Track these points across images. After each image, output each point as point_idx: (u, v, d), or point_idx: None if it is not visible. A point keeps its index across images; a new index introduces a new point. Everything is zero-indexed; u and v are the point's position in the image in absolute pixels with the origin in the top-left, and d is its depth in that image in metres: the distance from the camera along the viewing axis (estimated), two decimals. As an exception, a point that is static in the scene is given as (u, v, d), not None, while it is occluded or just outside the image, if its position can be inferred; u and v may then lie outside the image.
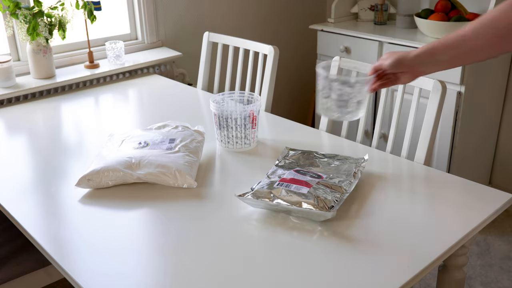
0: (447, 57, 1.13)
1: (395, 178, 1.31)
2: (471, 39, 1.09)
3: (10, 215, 1.19)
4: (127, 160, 1.27)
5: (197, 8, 2.59)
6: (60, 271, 1.01)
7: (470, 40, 1.09)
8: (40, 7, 1.96)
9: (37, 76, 2.04)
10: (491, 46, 1.07)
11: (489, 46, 1.07)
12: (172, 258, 1.02)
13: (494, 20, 1.07)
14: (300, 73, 3.14)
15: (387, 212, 1.15)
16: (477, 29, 1.08)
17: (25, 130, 1.73)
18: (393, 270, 0.96)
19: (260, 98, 1.53)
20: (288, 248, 1.03)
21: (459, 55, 1.12)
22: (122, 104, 2.08)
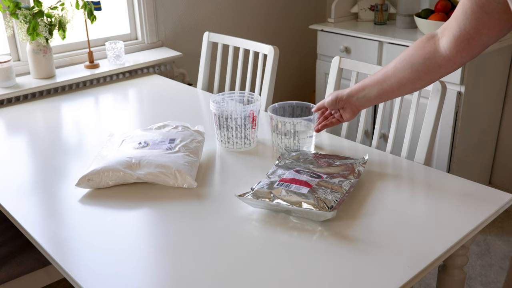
0: (375, 92, 1.23)
1: (395, 178, 1.31)
2: (392, 76, 1.17)
3: (10, 215, 1.19)
4: (127, 160, 1.27)
5: (197, 8, 2.59)
6: (60, 271, 1.01)
7: (391, 77, 1.17)
8: (40, 7, 1.96)
9: (37, 76, 2.04)
10: (411, 81, 1.15)
11: (409, 81, 1.16)
12: (172, 258, 1.02)
13: (409, 56, 1.13)
14: (300, 73, 3.14)
15: (387, 212, 1.15)
16: (396, 66, 1.15)
17: (25, 130, 1.73)
18: (393, 270, 0.96)
19: (260, 98, 1.53)
20: (288, 248, 1.03)
21: (384, 91, 1.21)
22: (122, 104, 2.08)
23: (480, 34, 0.99)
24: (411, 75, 1.14)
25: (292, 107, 1.48)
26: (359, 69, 1.64)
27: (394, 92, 1.20)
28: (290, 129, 1.39)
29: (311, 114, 1.43)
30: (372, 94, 1.23)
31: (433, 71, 1.12)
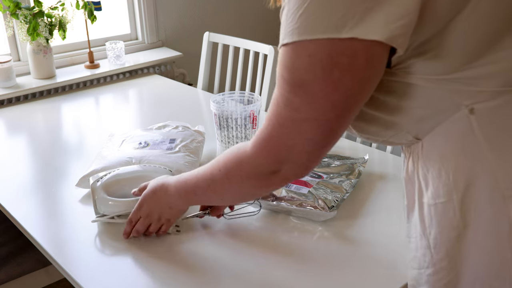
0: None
1: (395, 178, 1.31)
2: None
3: (11, 215, 1.19)
4: (127, 160, 1.27)
5: (197, 8, 2.59)
6: (60, 271, 1.01)
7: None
8: (40, 7, 1.96)
9: (38, 76, 2.04)
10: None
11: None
12: (171, 258, 1.02)
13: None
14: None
15: (387, 212, 1.15)
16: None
17: (25, 130, 1.73)
18: (393, 270, 0.95)
19: (261, 98, 1.53)
20: (288, 248, 1.03)
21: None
22: (122, 104, 2.08)
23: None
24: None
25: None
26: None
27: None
28: None
29: None
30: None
31: None
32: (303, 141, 0.70)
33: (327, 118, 0.67)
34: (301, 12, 0.62)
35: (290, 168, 0.75)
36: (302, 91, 0.65)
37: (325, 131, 0.69)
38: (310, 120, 0.67)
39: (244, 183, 0.83)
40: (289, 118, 0.69)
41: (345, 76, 0.62)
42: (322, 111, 0.66)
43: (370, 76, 0.64)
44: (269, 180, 0.79)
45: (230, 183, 0.85)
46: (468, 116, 0.66)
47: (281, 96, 0.69)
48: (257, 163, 0.78)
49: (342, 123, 0.69)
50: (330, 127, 0.69)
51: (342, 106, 0.66)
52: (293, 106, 0.68)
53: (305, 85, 0.65)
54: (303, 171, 0.76)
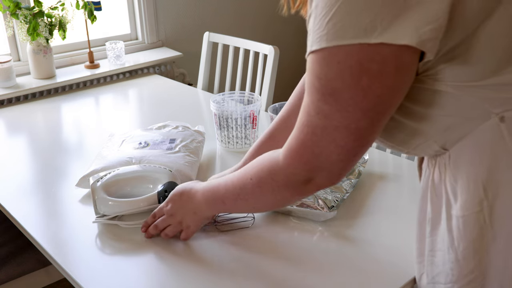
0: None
1: (395, 178, 1.31)
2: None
3: (10, 215, 1.19)
4: (127, 160, 1.27)
5: (197, 8, 2.59)
6: (60, 271, 1.01)
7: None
8: (40, 7, 1.96)
9: (38, 76, 2.04)
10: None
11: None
12: (171, 257, 1.02)
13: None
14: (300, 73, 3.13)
15: (387, 212, 1.15)
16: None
17: (25, 130, 1.73)
18: (394, 270, 0.95)
19: (261, 98, 1.53)
20: (288, 248, 1.03)
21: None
22: (122, 104, 2.08)
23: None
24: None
25: (292, 107, 1.48)
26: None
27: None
28: None
29: None
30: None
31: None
32: (336, 149, 0.69)
33: (358, 126, 0.66)
34: (329, 19, 0.62)
35: (323, 176, 0.74)
36: (332, 99, 0.65)
37: (357, 138, 0.68)
38: (341, 128, 0.67)
39: (277, 193, 0.82)
40: (321, 126, 0.68)
41: (375, 83, 0.62)
42: (352, 119, 0.66)
43: (400, 82, 0.63)
44: (303, 189, 0.78)
45: (262, 192, 0.84)
46: (498, 125, 0.65)
47: (312, 104, 0.68)
48: (290, 172, 0.77)
49: (373, 130, 0.68)
50: (362, 135, 0.68)
51: (372, 113, 0.65)
52: (324, 114, 0.67)
53: (335, 93, 0.65)
54: (337, 178, 0.75)
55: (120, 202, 1.11)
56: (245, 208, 0.95)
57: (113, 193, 1.13)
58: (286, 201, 0.88)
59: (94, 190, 1.13)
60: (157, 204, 1.10)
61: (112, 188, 1.15)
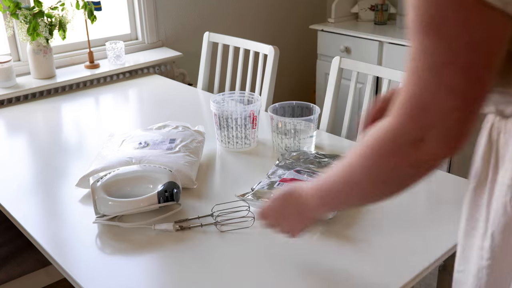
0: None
1: (395, 178, 1.30)
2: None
3: (11, 215, 1.19)
4: (127, 160, 1.27)
5: (197, 8, 2.59)
6: (60, 271, 1.01)
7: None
8: (40, 7, 1.96)
9: (37, 76, 2.04)
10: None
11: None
12: (171, 257, 1.02)
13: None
14: (300, 73, 3.14)
15: (387, 212, 1.15)
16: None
17: (25, 130, 1.73)
18: (393, 270, 0.95)
19: (261, 98, 1.53)
20: (288, 248, 1.03)
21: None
22: (122, 104, 2.08)
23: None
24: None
25: (292, 107, 1.48)
26: (360, 69, 1.64)
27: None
28: (290, 129, 1.38)
29: (311, 114, 1.43)
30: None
31: None
32: (444, 91, 0.61)
33: (465, 60, 0.60)
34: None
35: (437, 136, 0.63)
36: (434, 31, 0.60)
37: (465, 74, 0.60)
38: (447, 64, 0.60)
39: (384, 163, 0.69)
40: (426, 67, 0.61)
41: (476, 8, 0.57)
42: (459, 52, 0.59)
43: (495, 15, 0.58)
44: (413, 153, 0.65)
45: (369, 167, 0.71)
46: None
47: (416, 47, 0.62)
48: (396, 132, 0.65)
49: (482, 65, 0.60)
50: (470, 71, 0.60)
51: (478, 45, 0.59)
52: (428, 52, 0.61)
53: (436, 23, 0.60)
54: (453, 139, 0.64)
55: (120, 202, 1.11)
56: (354, 198, 0.79)
57: (113, 193, 1.13)
58: (395, 179, 0.72)
59: (94, 190, 1.13)
60: (157, 204, 1.10)
61: (112, 188, 1.15)
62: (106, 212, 1.10)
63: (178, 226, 1.09)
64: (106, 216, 1.10)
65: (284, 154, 1.36)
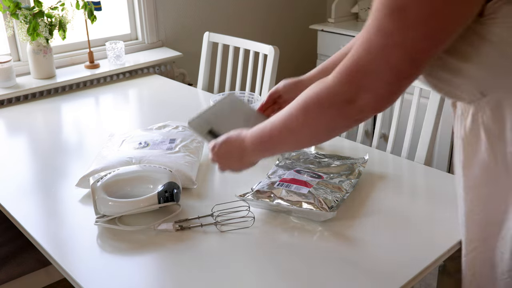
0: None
1: (395, 178, 1.31)
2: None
3: (11, 215, 1.19)
4: (127, 160, 1.27)
5: (197, 8, 2.59)
6: (60, 271, 1.01)
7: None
8: (40, 7, 1.96)
9: (37, 76, 2.04)
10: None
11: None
12: (171, 257, 1.02)
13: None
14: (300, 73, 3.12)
15: (387, 212, 1.15)
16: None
17: (25, 130, 1.73)
18: (393, 270, 0.95)
19: (261, 98, 1.52)
20: (288, 248, 1.03)
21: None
22: (122, 104, 2.08)
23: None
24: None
25: (292, 107, 1.47)
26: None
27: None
28: None
29: None
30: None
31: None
32: (387, 68, 0.71)
33: (417, 47, 0.68)
34: None
35: (368, 98, 0.74)
36: (399, 15, 0.67)
37: (411, 61, 0.69)
38: (399, 47, 0.68)
39: (320, 114, 0.80)
40: (379, 44, 0.70)
41: (447, 6, 0.64)
42: (414, 38, 0.68)
43: (466, 12, 0.66)
44: (346, 109, 0.77)
45: (306, 116, 0.82)
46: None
47: (374, 22, 0.70)
48: (335, 90, 0.77)
49: (428, 56, 0.70)
50: (417, 58, 0.69)
51: (434, 37, 0.67)
52: (385, 31, 0.69)
53: (405, 9, 0.66)
54: (382, 103, 0.75)
55: (120, 202, 1.11)
56: (290, 142, 0.90)
57: (113, 193, 1.13)
58: (329, 127, 0.83)
59: (94, 190, 1.13)
60: (157, 205, 1.10)
61: (112, 188, 1.15)
62: (106, 212, 1.10)
63: (178, 226, 1.09)
64: (106, 216, 1.10)
65: (284, 154, 1.36)
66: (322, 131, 0.85)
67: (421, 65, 0.71)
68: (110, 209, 1.10)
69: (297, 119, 0.84)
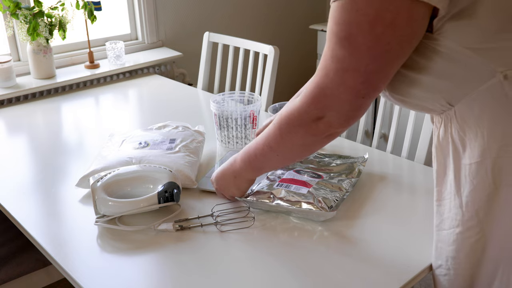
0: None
1: (395, 178, 1.31)
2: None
3: (11, 215, 1.19)
4: (127, 161, 1.27)
5: (197, 8, 2.59)
6: (60, 271, 1.01)
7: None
8: (40, 7, 1.96)
9: (38, 76, 2.04)
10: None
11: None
12: (171, 257, 1.02)
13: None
14: (300, 73, 3.14)
15: (388, 212, 1.15)
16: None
17: (25, 130, 1.73)
18: (393, 270, 0.95)
19: (261, 98, 1.53)
20: (288, 248, 1.03)
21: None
22: (122, 104, 2.08)
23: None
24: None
25: (292, 107, 1.48)
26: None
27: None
28: None
29: None
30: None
31: None
32: (344, 90, 0.77)
33: (368, 69, 0.74)
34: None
35: (333, 116, 0.82)
36: (347, 42, 0.73)
37: (365, 81, 0.75)
38: (352, 70, 0.75)
39: (293, 133, 0.89)
40: (334, 68, 0.77)
41: (387, 31, 0.70)
42: (363, 62, 0.73)
43: (410, 33, 0.71)
44: (315, 126, 0.85)
45: (281, 135, 0.91)
46: (501, 82, 0.70)
47: (328, 49, 0.77)
48: (303, 110, 0.85)
49: (381, 76, 0.76)
50: (370, 78, 0.75)
51: (382, 59, 0.73)
52: (337, 57, 0.75)
53: (350, 37, 0.73)
54: (347, 120, 0.82)
55: (120, 202, 1.11)
56: (273, 158, 0.99)
57: (113, 193, 1.13)
58: (304, 144, 0.92)
59: (94, 190, 1.13)
60: (157, 205, 1.10)
61: (112, 188, 1.15)
62: (106, 212, 1.10)
63: (178, 226, 1.09)
64: (106, 216, 1.10)
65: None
66: (298, 147, 0.93)
67: (377, 85, 0.77)
68: (110, 209, 1.10)
69: (275, 137, 0.93)
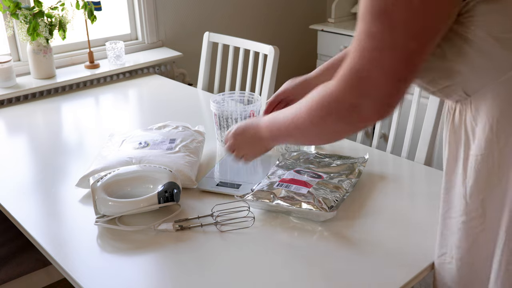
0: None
1: (395, 178, 1.31)
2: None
3: (11, 215, 1.19)
4: (127, 161, 1.27)
5: (198, 8, 2.59)
6: (60, 271, 1.01)
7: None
8: (40, 7, 1.96)
9: (38, 76, 2.04)
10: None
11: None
12: (171, 257, 1.02)
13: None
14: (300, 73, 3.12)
15: (387, 212, 1.15)
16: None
17: (25, 130, 1.73)
18: (393, 270, 0.95)
19: (261, 98, 1.53)
20: (288, 248, 1.03)
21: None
22: (122, 104, 2.08)
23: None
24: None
25: (292, 107, 1.47)
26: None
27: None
28: None
29: None
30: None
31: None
32: (381, 72, 0.71)
33: (404, 47, 0.69)
34: None
35: (369, 104, 0.74)
36: (383, 18, 0.68)
37: (403, 60, 0.70)
38: (389, 49, 0.69)
39: (325, 119, 0.82)
40: (369, 48, 0.71)
41: (426, 4, 0.65)
42: (401, 39, 0.68)
43: (446, 9, 0.67)
44: (349, 115, 0.77)
45: (312, 121, 0.84)
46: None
47: (362, 27, 0.72)
48: (338, 96, 0.77)
49: (419, 54, 0.70)
50: (408, 58, 0.70)
51: (420, 36, 0.68)
52: (373, 35, 0.70)
53: (386, 12, 0.68)
54: (383, 107, 0.75)
55: (120, 202, 1.11)
56: (298, 136, 0.93)
57: (113, 193, 1.13)
58: (333, 130, 0.85)
59: (94, 190, 1.13)
60: (157, 205, 1.10)
61: (112, 188, 1.15)
62: (106, 212, 1.10)
63: (178, 226, 1.09)
64: (106, 216, 1.10)
65: (285, 154, 1.36)
66: (327, 133, 0.87)
67: (415, 66, 0.71)
68: (110, 209, 1.10)
69: (303, 120, 0.86)
